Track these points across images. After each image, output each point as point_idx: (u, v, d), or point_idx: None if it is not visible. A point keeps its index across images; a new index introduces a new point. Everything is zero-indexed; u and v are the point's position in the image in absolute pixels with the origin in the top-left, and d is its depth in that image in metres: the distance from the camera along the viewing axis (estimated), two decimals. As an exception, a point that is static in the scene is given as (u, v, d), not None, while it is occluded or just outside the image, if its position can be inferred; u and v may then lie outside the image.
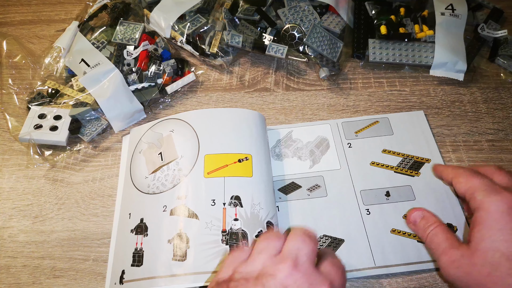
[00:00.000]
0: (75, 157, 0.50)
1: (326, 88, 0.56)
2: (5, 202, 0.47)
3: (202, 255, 0.37)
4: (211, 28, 0.58)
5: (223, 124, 0.45)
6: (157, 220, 0.40)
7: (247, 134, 0.45)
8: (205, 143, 0.44)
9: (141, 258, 0.39)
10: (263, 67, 0.58)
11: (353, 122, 0.51)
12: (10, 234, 0.44)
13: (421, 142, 0.48)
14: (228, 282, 0.29)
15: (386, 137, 0.49)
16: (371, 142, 0.49)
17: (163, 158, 0.44)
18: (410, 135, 0.49)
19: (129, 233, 0.41)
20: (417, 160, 0.47)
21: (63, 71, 0.54)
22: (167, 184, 0.42)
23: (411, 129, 0.50)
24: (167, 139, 0.46)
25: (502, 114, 0.52)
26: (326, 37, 0.55)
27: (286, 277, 0.28)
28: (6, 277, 0.42)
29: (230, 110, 0.47)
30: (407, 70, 0.57)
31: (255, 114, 0.47)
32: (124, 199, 0.45)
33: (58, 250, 0.43)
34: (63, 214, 0.45)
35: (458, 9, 0.57)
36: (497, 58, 0.56)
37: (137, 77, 0.52)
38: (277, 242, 0.31)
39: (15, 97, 0.53)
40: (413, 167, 0.46)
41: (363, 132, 0.50)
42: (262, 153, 0.44)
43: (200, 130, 0.45)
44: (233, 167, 0.42)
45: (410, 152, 0.48)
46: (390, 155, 0.47)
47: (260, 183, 0.42)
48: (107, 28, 0.57)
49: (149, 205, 0.42)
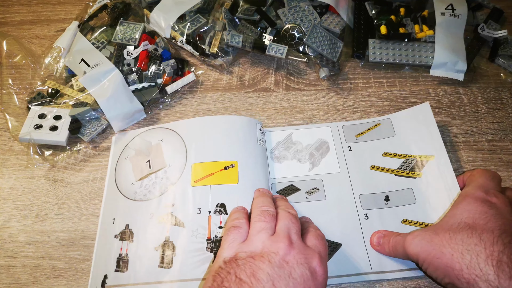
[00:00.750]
0: (75, 157, 0.50)
1: (326, 88, 0.56)
2: (5, 202, 0.47)
3: (188, 262, 0.38)
4: (211, 28, 0.58)
5: (210, 133, 0.46)
6: (143, 227, 0.41)
7: (235, 140, 0.45)
8: (193, 152, 0.45)
9: (126, 264, 0.39)
10: (263, 67, 0.58)
11: (354, 125, 0.50)
12: (10, 234, 0.44)
13: (425, 139, 0.46)
14: (235, 260, 0.32)
15: (387, 139, 0.48)
16: (372, 145, 0.48)
17: (151, 166, 0.45)
18: (413, 134, 0.47)
19: (112, 238, 0.41)
20: (420, 159, 0.45)
21: (63, 71, 0.54)
22: (154, 192, 0.43)
23: (415, 126, 0.48)
24: (156, 148, 0.46)
25: (502, 114, 0.52)
26: (326, 37, 0.55)
27: (286, 254, 0.32)
28: (6, 277, 0.42)
29: (219, 118, 0.48)
30: (407, 70, 0.57)
31: (244, 120, 0.47)
32: (108, 203, 0.45)
33: (58, 250, 0.43)
34: (63, 214, 0.45)
35: (458, 9, 0.57)
36: (497, 58, 0.56)
37: (137, 77, 0.52)
38: (272, 223, 0.36)
39: (15, 97, 0.53)
40: (415, 168, 0.45)
41: (363, 135, 0.49)
42: (250, 158, 0.45)
43: (188, 140, 0.46)
44: (219, 174, 0.43)
45: (412, 152, 0.46)
46: (391, 158, 0.47)
47: (246, 189, 0.42)
48: (107, 28, 0.57)
49: (136, 212, 0.42)
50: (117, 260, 0.40)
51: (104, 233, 0.43)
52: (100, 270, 0.40)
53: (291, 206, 0.40)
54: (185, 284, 0.37)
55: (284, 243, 0.33)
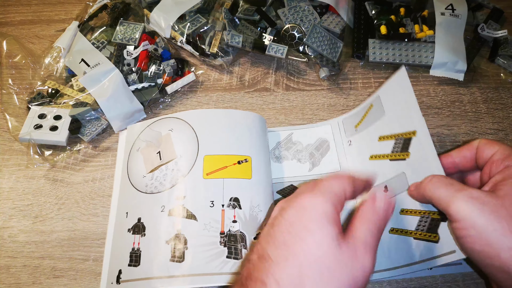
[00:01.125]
0: (75, 157, 0.50)
1: (326, 88, 0.56)
2: (5, 202, 0.47)
3: (200, 256, 0.37)
4: (211, 28, 0.58)
5: (223, 125, 0.45)
6: (155, 220, 0.40)
7: (247, 136, 0.45)
8: (205, 144, 0.44)
9: (139, 258, 0.39)
10: (263, 67, 0.58)
11: (352, 116, 0.49)
12: (10, 234, 0.44)
13: (405, 113, 0.40)
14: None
15: (380, 121, 0.44)
16: (369, 132, 0.45)
17: (161, 157, 0.44)
18: (396, 108, 0.42)
19: (126, 232, 0.41)
20: (405, 137, 0.40)
21: (63, 71, 0.54)
22: (165, 184, 0.42)
23: (398, 100, 0.42)
24: (166, 138, 0.45)
25: (502, 114, 0.52)
26: (326, 37, 0.55)
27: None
28: (6, 277, 0.42)
29: (230, 112, 0.47)
30: (407, 70, 0.56)
31: (256, 116, 0.47)
32: (121, 198, 0.45)
33: (58, 250, 0.43)
34: (63, 214, 0.45)
35: (458, 9, 0.57)
36: (497, 58, 0.56)
37: (137, 77, 0.52)
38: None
39: (15, 97, 0.53)
40: (404, 147, 0.40)
41: (362, 124, 0.47)
42: (261, 155, 0.44)
43: (199, 130, 0.45)
44: (232, 168, 0.42)
45: (398, 130, 0.41)
46: (386, 141, 0.42)
47: (259, 185, 0.42)
48: (107, 28, 0.57)
49: (147, 205, 0.42)
50: (130, 255, 0.39)
51: (118, 228, 0.43)
52: (116, 265, 0.40)
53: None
54: (197, 279, 0.36)
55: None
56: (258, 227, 0.40)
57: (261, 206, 0.41)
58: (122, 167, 0.47)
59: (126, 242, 0.40)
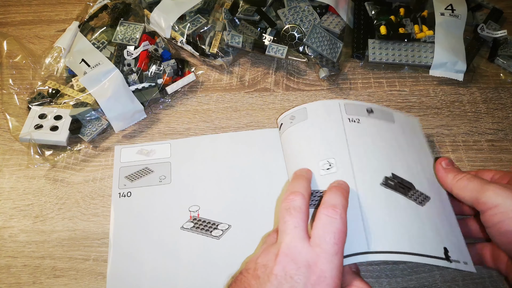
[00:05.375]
0: (75, 157, 0.50)
1: (326, 88, 0.56)
2: (5, 202, 0.47)
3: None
4: (211, 29, 0.58)
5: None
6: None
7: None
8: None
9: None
10: (263, 67, 0.58)
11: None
12: (10, 234, 0.44)
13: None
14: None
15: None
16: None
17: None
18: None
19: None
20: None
21: (63, 71, 0.54)
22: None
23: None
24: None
25: (501, 114, 0.52)
26: (326, 37, 0.55)
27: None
28: (7, 277, 0.42)
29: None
30: (407, 70, 0.57)
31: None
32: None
33: (58, 250, 0.43)
34: (64, 214, 0.46)
35: (457, 9, 0.57)
36: (496, 58, 0.56)
37: (137, 77, 0.52)
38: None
39: (16, 97, 0.53)
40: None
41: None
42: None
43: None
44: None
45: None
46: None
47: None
48: (108, 28, 0.58)
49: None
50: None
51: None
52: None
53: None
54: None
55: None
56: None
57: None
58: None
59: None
